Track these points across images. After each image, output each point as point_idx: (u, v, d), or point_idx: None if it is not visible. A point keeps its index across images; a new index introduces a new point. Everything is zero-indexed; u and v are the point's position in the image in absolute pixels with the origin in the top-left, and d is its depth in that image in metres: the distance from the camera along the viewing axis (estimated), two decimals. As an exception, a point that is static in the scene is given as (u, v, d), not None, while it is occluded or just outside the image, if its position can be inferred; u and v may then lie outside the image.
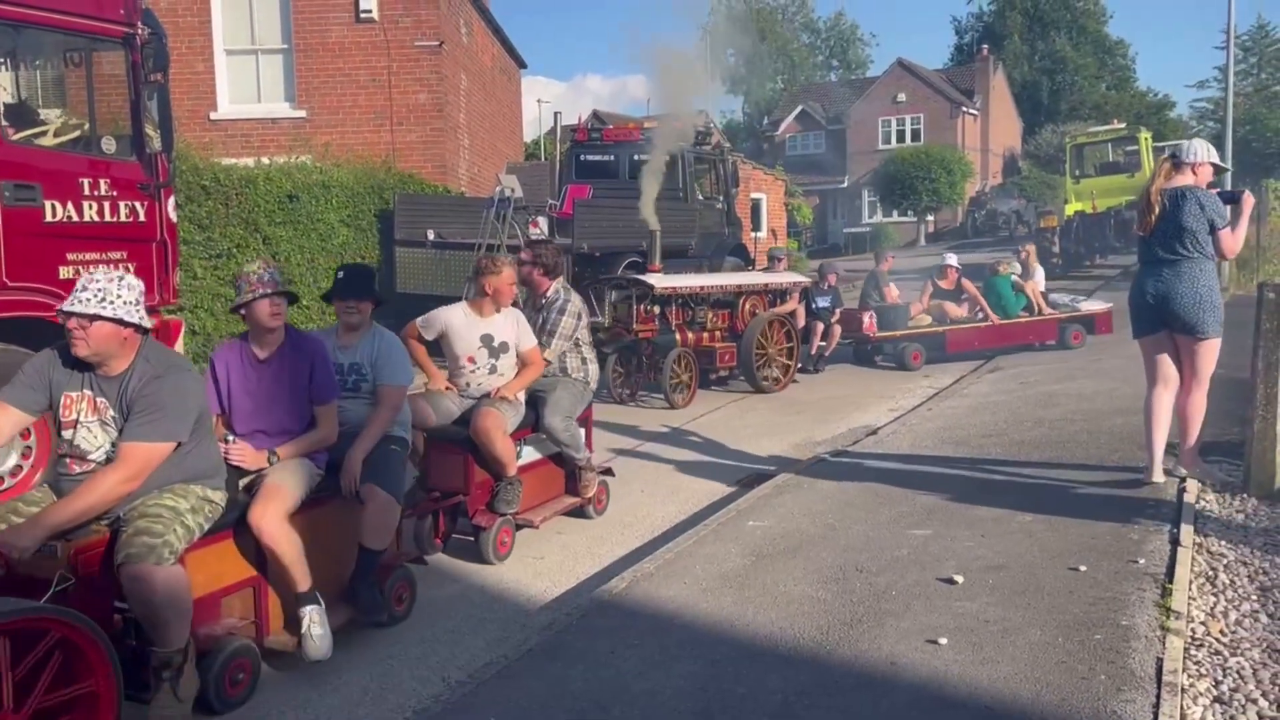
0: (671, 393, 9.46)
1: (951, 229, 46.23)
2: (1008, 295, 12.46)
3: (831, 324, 11.86)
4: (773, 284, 11.06)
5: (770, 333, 10.36)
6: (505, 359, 5.53)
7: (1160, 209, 5.40)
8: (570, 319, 5.95)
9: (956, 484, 5.97)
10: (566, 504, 5.88)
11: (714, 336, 10.32)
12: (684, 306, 10.09)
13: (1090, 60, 60.22)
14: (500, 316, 5.56)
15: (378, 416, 4.51)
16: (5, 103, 6.02)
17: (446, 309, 5.67)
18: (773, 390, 10.25)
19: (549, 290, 6.08)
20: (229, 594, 3.88)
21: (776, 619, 4.05)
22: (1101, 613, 3.90)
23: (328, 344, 4.60)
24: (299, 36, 15.79)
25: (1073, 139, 24.88)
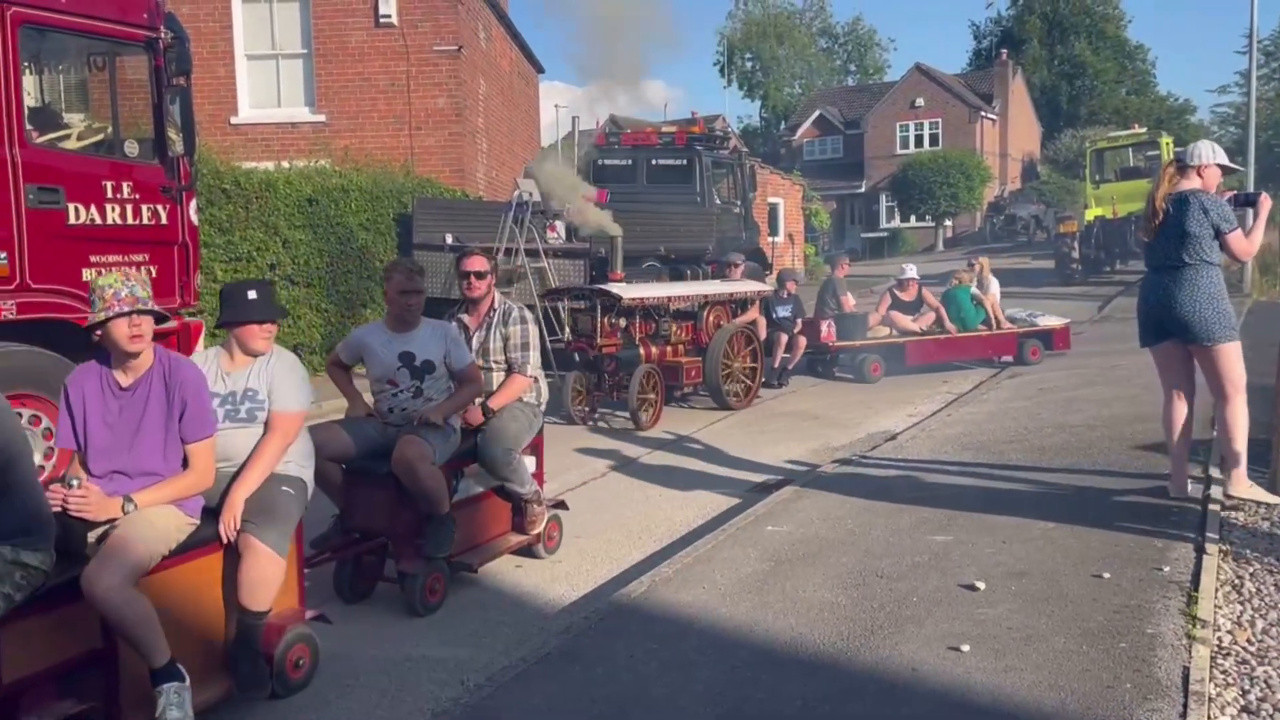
0: (638, 412, 8.78)
1: (970, 234, 46.04)
2: (968, 307, 12.08)
3: (795, 334, 11.36)
4: (737, 294, 10.40)
5: (734, 345, 9.79)
6: (432, 380, 4.92)
7: (1163, 214, 5.23)
8: (534, 326, 5.43)
9: (977, 490, 5.93)
10: (513, 543, 5.25)
11: (677, 350, 9.73)
12: (647, 319, 9.49)
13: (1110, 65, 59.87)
14: (423, 332, 4.98)
15: (264, 449, 3.87)
16: (30, 106, 6.06)
17: (363, 328, 5.26)
18: (737, 407, 9.67)
19: (496, 301, 5.50)
20: (66, 671, 3.25)
21: (796, 624, 4.02)
22: (1126, 621, 3.85)
23: (213, 369, 4.02)
24: (319, 41, 15.89)
25: (1093, 144, 24.74)
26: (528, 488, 5.20)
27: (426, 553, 4.66)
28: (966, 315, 12.00)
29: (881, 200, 47.47)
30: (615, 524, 6.07)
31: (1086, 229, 22.23)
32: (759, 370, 10.04)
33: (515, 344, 5.32)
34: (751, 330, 10.08)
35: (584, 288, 9.55)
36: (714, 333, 9.76)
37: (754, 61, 60.75)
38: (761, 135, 59.47)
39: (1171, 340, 5.32)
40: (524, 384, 5.30)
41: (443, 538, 4.70)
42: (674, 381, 9.52)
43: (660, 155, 14.68)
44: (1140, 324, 5.50)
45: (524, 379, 5.30)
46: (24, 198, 5.69)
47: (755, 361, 9.96)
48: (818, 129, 52.04)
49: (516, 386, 5.27)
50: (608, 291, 8.96)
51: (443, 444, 4.76)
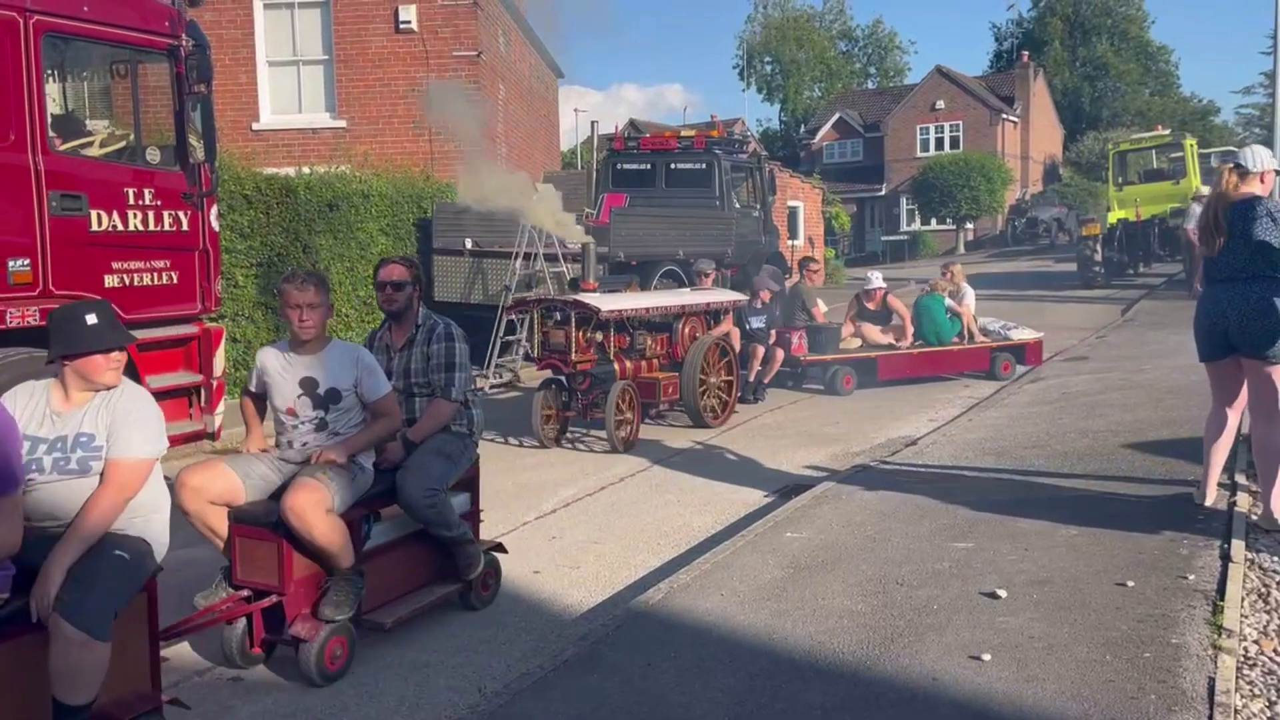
0: (616, 432, 8.14)
1: (991, 236, 45.80)
2: (941, 318, 11.35)
3: (771, 346, 10.61)
4: (714, 303, 9.70)
5: (710, 359, 9.13)
6: (340, 411, 4.29)
7: (1228, 224, 4.92)
8: (463, 344, 4.79)
9: (998, 496, 5.87)
10: (439, 594, 4.56)
11: (652, 365, 9.00)
12: (621, 331, 8.74)
13: (1133, 66, 59.46)
14: (329, 354, 4.33)
15: (91, 507, 3.21)
16: (53, 114, 6.11)
17: (266, 348, 4.53)
18: (713, 424, 9.04)
19: (421, 316, 4.88)
20: None
21: (815, 632, 4.00)
22: (1150, 630, 3.81)
23: (39, 408, 3.39)
24: (339, 47, 15.99)
25: (1115, 146, 24.53)
26: (456, 530, 4.52)
27: (323, 616, 3.98)
28: (941, 327, 11.33)
29: (902, 203, 47.30)
30: (633, 529, 6.06)
31: (1109, 232, 22.04)
32: (735, 385, 9.46)
33: (439, 364, 4.70)
34: (727, 342, 9.49)
35: (557, 299, 8.73)
36: (689, 345, 9.14)
37: (773, 65, 60.68)
38: (781, 139, 59.37)
39: (1235, 355, 5.07)
40: (449, 411, 4.66)
41: (345, 597, 4.03)
42: (650, 399, 8.81)
43: (679, 159, 14.67)
44: (1202, 338, 5.22)
45: (449, 405, 4.66)
46: (47, 205, 5.74)
47: (731, 375, 9.40)
48: (838, 132, 51.92)
49: (440, 414, 4.64)
50: (584, 303, 8.21)
51: (347, 486, 4.10)
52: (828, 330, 11.14)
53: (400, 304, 4.82)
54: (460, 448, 4.70)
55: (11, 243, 5.59)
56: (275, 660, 4.22)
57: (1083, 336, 14.38)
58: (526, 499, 6.83)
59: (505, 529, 6.11)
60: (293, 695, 3.92)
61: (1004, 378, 11.23)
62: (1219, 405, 5.33)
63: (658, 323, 9.14)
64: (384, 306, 4.89)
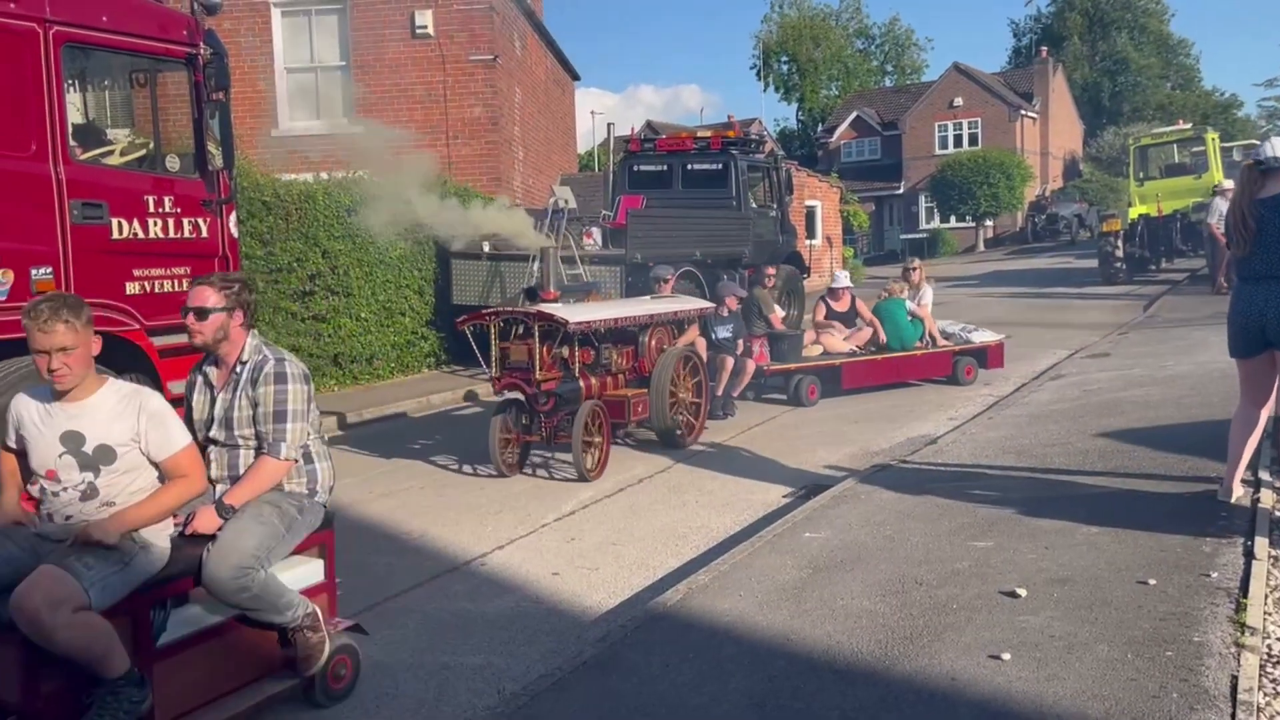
0: (583, 458, 7.32)
1: (1010, 234, 45.55)
2: (904, 322, 10.87)
3: (740, 356, 9.91)
4: (681, 313, 9.01)
5: (678, 372, 8.44)
6: (114, 474, 3.44)
7: (1258, 222, 4.86)
8: (300, 385, 3.83)
9: (1018, 495, 5.84)
10: (269, 693, 3.67)
11: (618, 381, 8.27)
12: (587, 345, 8.01)
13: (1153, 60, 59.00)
14: (102, 401, 3.48)
15: None
16: (73, 123, 6.18)
17: (20, 395, 3.59)
18: (685, 444, 8.39)
19: (248, 350, 3.89)
20: None
21: (834, 633, 3.99)
22: (1172, 628, 3.77)
23: None
24: (357, 53, 16.08)
25: (1136, 141, 24.35)
26: (288, 614, 3.63)
27: None
28: (904, 332, 10.84)
29: (921, 201, 47.11)
30: (652, 531, 6.06)
31: (1130, 227, 21.87)
32: (704, 400, 8.76)
33: (266, 411, 3.76)
34: (694, 354, 8.83)
35: (519, 311, 7.76)
36: (656, 358, 8.44)
37: (790, 64, 60.55)
38: (798, 138, 59.25)
39: (1269, 350, 5.02)
40: (276, 472, 3.77)
41: (117, 710, 3.16)
42: (619, 418, 8.00)
43: (695, 160, 14.65)
44: (1237, 334, 5.14)
45: (276, 465, 3.76)
46: (69, 213, 5.80)
47: (700, 391, 8.70)
48: (855, 131, 51.77)
49: (263, 475, 3.75)
50: (550, 315, 7.42)
51: (117, 574, 3.24)
52: (790, 338, 10.66)
53: (209, 336, 3.84)
54: (295, 513, 3.78)
55: (34, 251, 5.66)
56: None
57: (1104, 333, 14.28)
58: (545, 500, 6.85)
59: (524, 530, 6.14)
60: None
61: (967, 382, 10.89)
62: (1247, 401, 5.28)
63: (624, 335, 8.40)
64: (192, 341, 3.89)
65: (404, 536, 6.12)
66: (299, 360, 3.95)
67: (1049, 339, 14.40)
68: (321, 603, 3.90)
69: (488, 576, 5.36)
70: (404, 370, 12.45)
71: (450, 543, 5.95)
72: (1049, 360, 12.11)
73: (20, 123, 5.60)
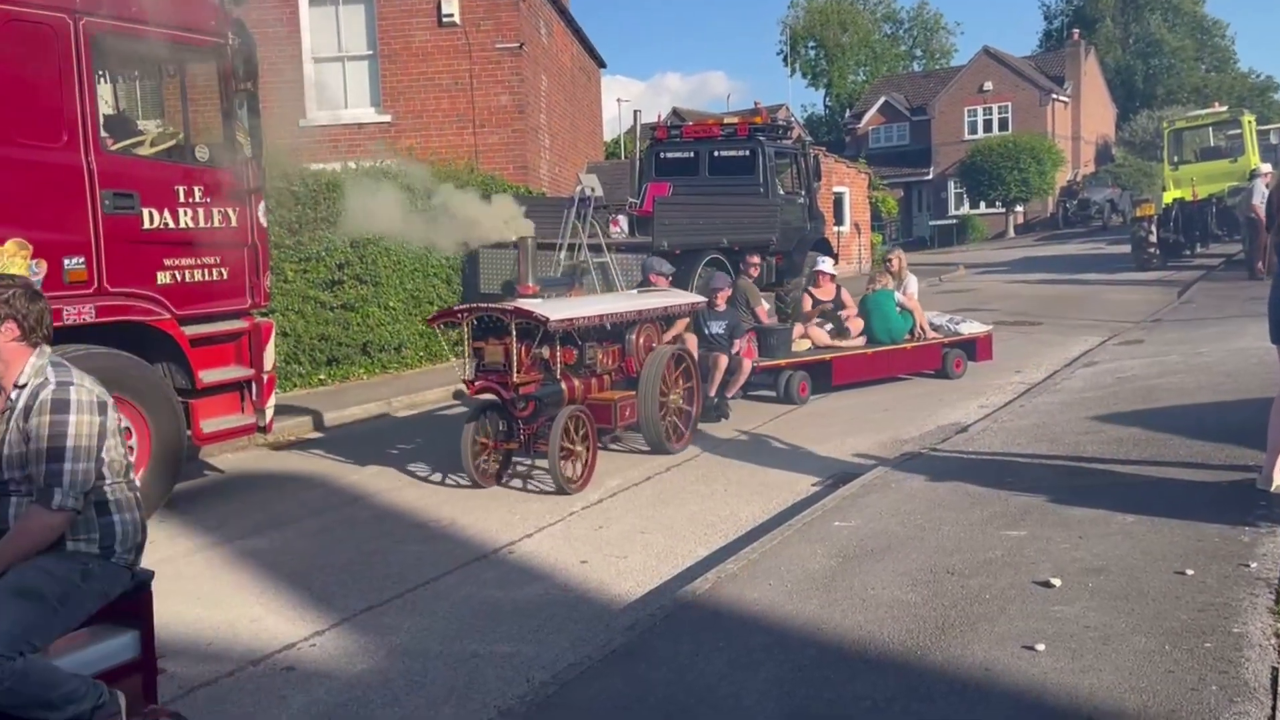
0: (561, 468, 6.66)
1: (1041, 220, 45.08)
2: (893, 314, 10.35)
3: (734, 354, 9.09)
4: (671, 308, 8.33)
5: (668, 372, 7.82)
6: None
7: None
8: (86, 416, 3.04)
9: (1051, 483, 5.77)
10: None
11: (603, 382, 7.58)
12: (570, 344, 7.26)
13: (1187, 42, 58.10)
14: None
15: None
16: (104, 114, 6.22)
17: None
18: (675, 449, 7.76)
19: (28, 371, 3.11)
20: None
21: (864, 622, 3.95)
22: (1211, 619, 3.71)
23: None
24: (384, 42, 16.11)
25: (1171, 124, 23.99)
26: (69, 710, 2.83)
27: None
28: (893, 325, 10.34)
29: (950, 187, 46.69)
30: (680, 519, 6.04)
31: (1164, 212, 21.56)
32: (696, 401, 8.16)
33: (39, 448, 2.96)
34: (686, 353, 8.20)
35: (495, 308, 7.03)
36: (644, 358, 7.79)
37: (817, 49, 60.12)
38: (826, 124, 58.89)
39: None
40: (47, 524, 2.95)
41: None
42: (605, 424, 7.38)
43: (722, 147, 14.55)
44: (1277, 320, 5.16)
45: (47, 518, 2.94)
46: (100, 204, 5.85)
47: (691, 392, 8.11)
48: (883, 116, 51.36)
49: (30, 532, 2.95)
50: (529, 312, 6.73)
51: None
52: (779, 332, 10.02)
53: None
54: (73, 578, 2.96)
55: (66, 241, 5.71)
56: (327, 650, 4.27)
57: (1137, 320, 14.09)
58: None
59: (553, 518, 6.14)
60: (344, 686, 3.96)
61: (956, 376, 10.49)
62: None
63: (609, 332, 7.68)
64: None
65: (433, 524, 6.14)
66: (97, 385, 3.18)
67: (1081, 326, 14.23)
68: (132, 687, 3.09)
69: (516, 564, 5.36)
70: (431, 359, 12.49)
71: (479, 530, 5.96)
72: (1081, 347, 11.97)
73: (52, 114, 5.65)
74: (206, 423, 6.55)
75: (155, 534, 6.04)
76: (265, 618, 4.67)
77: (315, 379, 10.94)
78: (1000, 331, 14.25)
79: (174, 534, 6.05)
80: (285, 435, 8.80)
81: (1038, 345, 12.73)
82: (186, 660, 4.22)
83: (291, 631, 4.49)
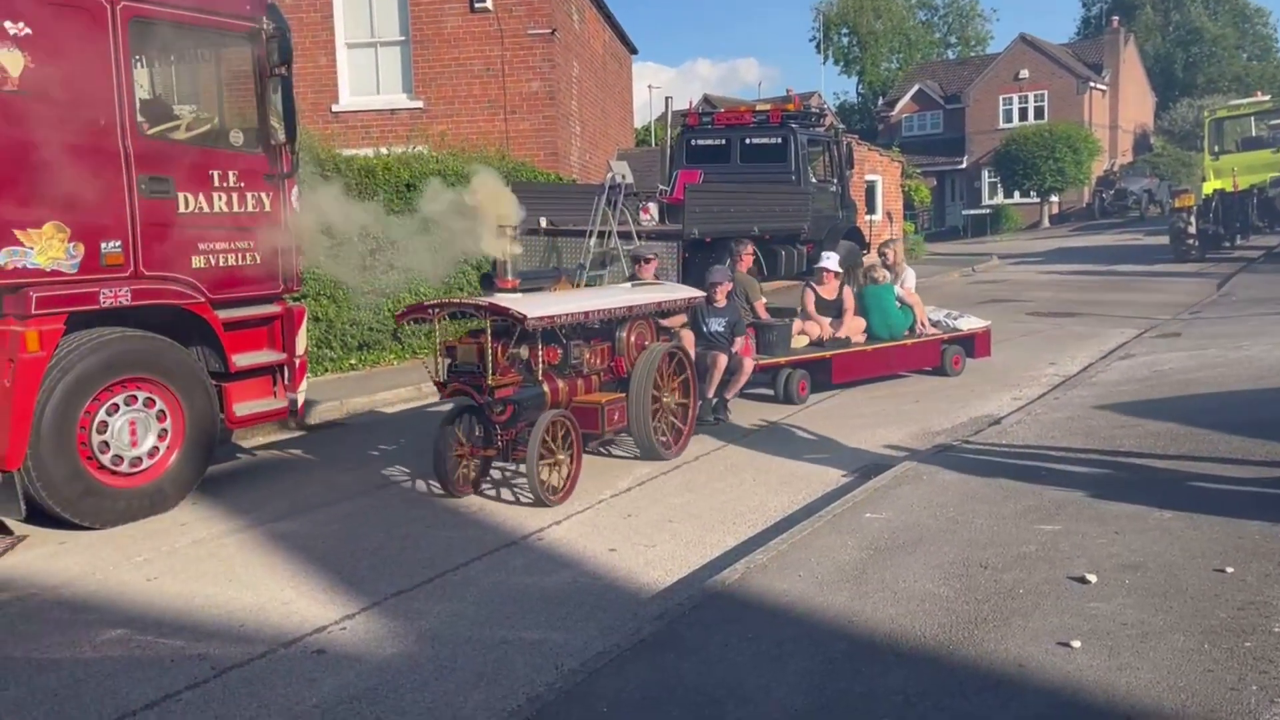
0: (538, 477, 6.08)
1: (1077, 210, 44.53)
2: (892, 309, 9.96)
3: (736, 354, 8.42)
4: (666, 303, 7.66)
5: (662, 373, 7.26)
6: None
7: None
8: None
9: (1087, 477, 5.69)
10: None
11: (590, 384, 6.97)
12: (553, 343, 6.69)
13: (1228, 30, 57.12)
14: None
15: None
16: (141, 99, 6.26)
17: None
18: (668, 456, 7.19)
19: None
20: None
21: (896, 616, 3.92)
22: (1251, 618, 3.64)
23: None
24: (416, 28, 16.14)
25: (1212, 113, 23.63)
26: None
27: None
28: (894, 319, 9.93)
29: (984, 176, 46.23)
30: (709, 509, 6.02)
31: (1204, 203, 21.24)
32: (692, 404, 7.56)
33: None
34: (681, 351, 7.60)
35: (468, 303, 6.48)
36: (636, 357, 7.20)
37: (851, 36, 59.58)
38: (859, 111, 58.40)
39: None
40: None
41: None
42: (592, 429, 6.77)
43: (754, 134, 14.50)
44: None
45: None
46: (137, 187, 5.89)
47: (687, 394, 7.53)
48: (917, 104, 50.88)
49: None
50: (506, 310, 6.14)
51: None
52: (778, 328, 9.39)
53: None
54: None
55: (104, 225, 5.76)
56: (357, 634, 4.30)
57: (1175, 312, 13.88)
58: (602, 477, 6.84)
59: (581, 506, 6.14)
60: (374, 669, 3.98)
61: (954, 373, 10.13)
62: None
63: (597, 329, 7.11)
64: None
65: (462, 509, 6.15)
66: None
67: (1117, 318, 14.05)
68: None
69: (545, 551, 5.36)
70: (462, 345, 12.52)
71: (508, 517, 5.97)
72: (1117, 339, 11.82)
73: (90, 98, 5.69)
74: (239, 406, 6.60)
75: (188, 516, 6.12)
76: (296, 600, 4.70)
77: (346, 364, 11.01)
78: (1034, 323, 14.12)
79: (207, 516, 6.11)
80: (316, 419, 8.86)
81: (1072, 337, 12.59)
82: (219, 641, 4.26)
83: (322, 615, 4.52)
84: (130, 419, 5.91)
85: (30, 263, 5.49)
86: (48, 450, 5.52)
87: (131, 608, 4.68)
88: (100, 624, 4.48)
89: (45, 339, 5.50)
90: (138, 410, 5.95)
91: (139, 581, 5.02)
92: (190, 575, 5.11)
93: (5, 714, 3.69)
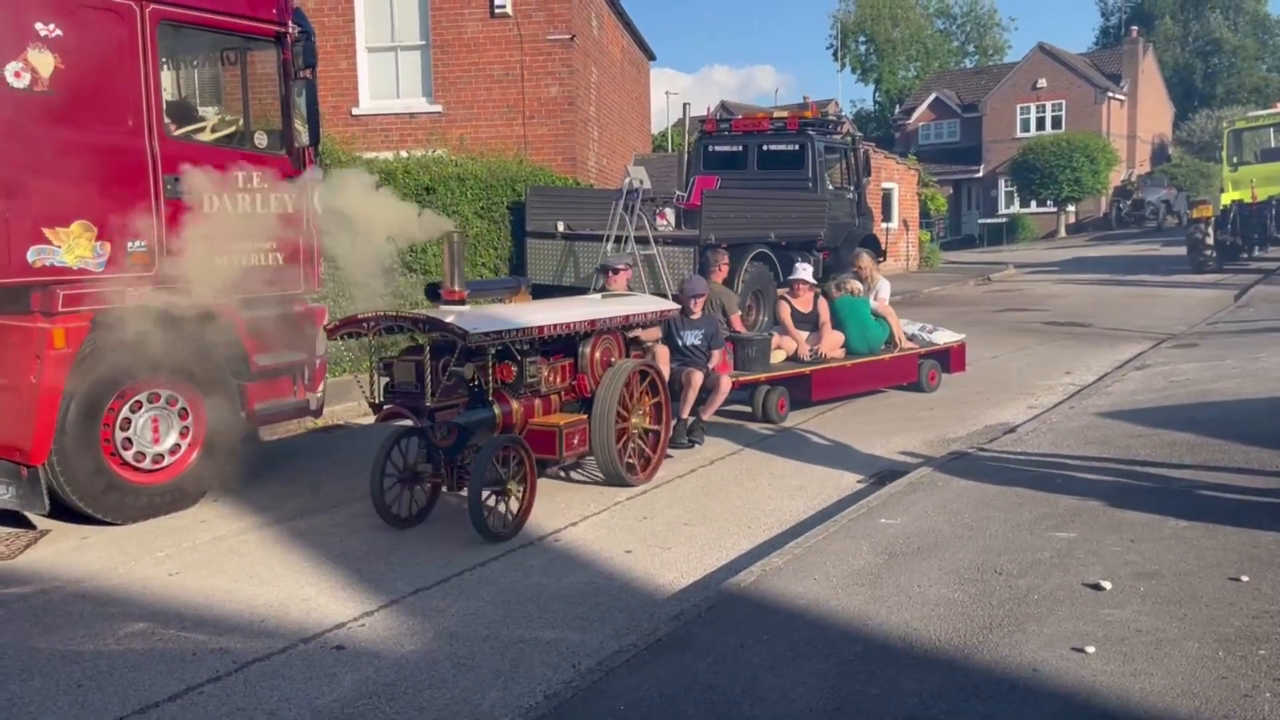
0: (485, 509, 5.49)
1: (1094, 220, 44.37)
2: (869, 322, 9.59)
3: (713, 371, 7.88)
4: (635, 316, 7.08)
5: (631, 392, 6.75)
6: None
7: None
8: None
9: (1102, 485, 5.70)
10: None
11: (549, 405, 6.41)
12: (507, 360, 6.15)
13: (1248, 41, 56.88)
14: None
15: None
16: (167, 100, 6.35)
17: None
18: (636, 481, 6.65)
19: None
20: None
21: (910, 620, 3.94)
22: (1266, 627, 3.65)
23: None
24: (436, 33, 16.24)
25: (1230, 124, 23.53)
26: None
27: None
28: (870, 333, 9.55)
29: (1000, 185, 46.08)
30: (725, 512, 6.05)
31: (1222, 214, 21.15)
32: (665, 426, 7.04)
33: None
34: (652, 367, 7.05)
35: (404, 316, 5.88)
36: (601, 375, 6.67)
37: (868, 44, 59.57)
38: (875, 119, 58.36)
39: None
40: None
41: None
42: (549, 454, 6.19)
43: (771, 141, 14.50)
44: None
45: None
46: (163, 188, 5.97)
47: (659, 418, 7.01)
48: (934, 112, 50.79)
49: None
50: (444, 324, 5.50)
51: None
52: (756, 343, 8.91)
53: None
54: None
55: (130, 225, 5.83)
56: (376, 631, 4.34)
57: (1192, 323, 13.84)
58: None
59: (598, 508, 6.18)
60: (393, 665, 4.02)
61: (930, 389, 9.86)
62: None
63: (557, 345, 6.54)
64: None
65: (479, 511, 6.19)
66: None
67: (1133, 328, 14.01)
68: None
69: (561, 551, 5.41)
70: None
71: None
72: (1133, 350, 11.80)
73: (118, 99, 5.77)
74: (259, 405, 6.67)
75: (209, 513, 6.19)
76: (316, 597, 4.76)
77: (365, 364, 11.06)
78: (1051, 332, 14.10)
79: (227, 513, 6.18)
80: (336, 419, 8.93)
81: (1088, 347, 12.57)
82: (240, 636, 4.31)
83: (341, 611, 4.57)
84: (153, 416, 5.99)
85: (58, 261, 5.57)
86: (72, 446, 5.60)
87: (154, 602, 4.75)
88: (123, 617, 4.55)
89: (71, 336, 5.58)
90: (160, 408, 6.03)
91: (161, 576, 5.09)
92: (211, 571, 5.18)
93: (31, 703, 3.75)
